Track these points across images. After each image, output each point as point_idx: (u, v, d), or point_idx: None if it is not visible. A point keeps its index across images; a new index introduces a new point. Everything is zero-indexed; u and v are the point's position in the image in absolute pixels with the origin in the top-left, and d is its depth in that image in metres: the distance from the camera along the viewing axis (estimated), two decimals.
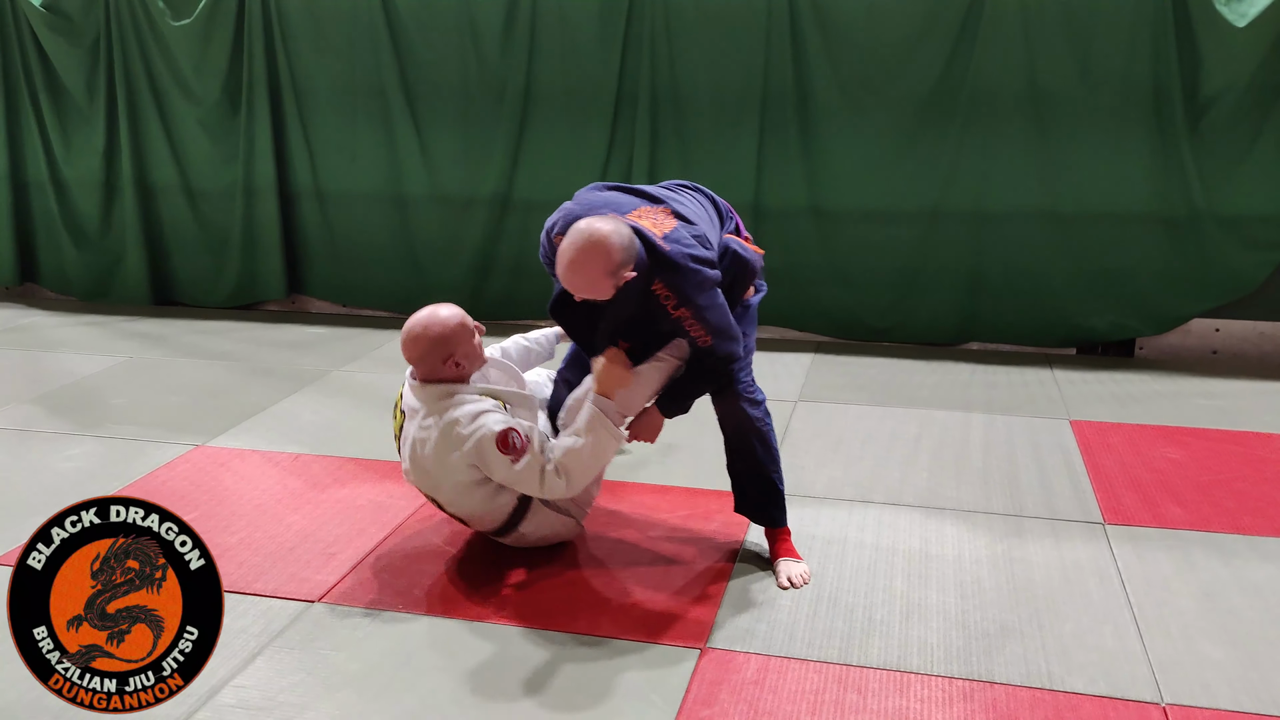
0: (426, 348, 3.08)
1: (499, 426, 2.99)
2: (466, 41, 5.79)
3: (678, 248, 2.83)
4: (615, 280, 2.77)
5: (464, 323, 3.10)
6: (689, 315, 2.86)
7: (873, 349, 5.63)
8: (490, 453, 2.98)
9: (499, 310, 6.08)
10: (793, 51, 5.42)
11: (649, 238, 2.82)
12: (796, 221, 5.59)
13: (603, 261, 2.73)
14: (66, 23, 6.26)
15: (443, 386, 3.09)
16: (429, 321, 3.09)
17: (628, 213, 2.91)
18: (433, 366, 3.09)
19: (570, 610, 3.03)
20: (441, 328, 3.08)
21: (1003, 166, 5.34)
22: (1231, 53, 4.98)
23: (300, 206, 6.29)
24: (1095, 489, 3.83)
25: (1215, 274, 5.28)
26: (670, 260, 2.82)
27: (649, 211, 2.94)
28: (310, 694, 2.65)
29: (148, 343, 5.82)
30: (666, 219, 2.91)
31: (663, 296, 2.86)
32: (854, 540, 3.45)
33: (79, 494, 3.73)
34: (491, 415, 3.03)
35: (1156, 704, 2.61)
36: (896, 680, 2.70)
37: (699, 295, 2.86)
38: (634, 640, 2.87)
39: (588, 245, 2.73)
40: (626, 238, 2.76)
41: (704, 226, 2.98)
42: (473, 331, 3.13)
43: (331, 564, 3.30)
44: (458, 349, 3.09)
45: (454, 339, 3.08)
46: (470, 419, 3.01)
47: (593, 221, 2.78)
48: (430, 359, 3.08)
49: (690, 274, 2.84)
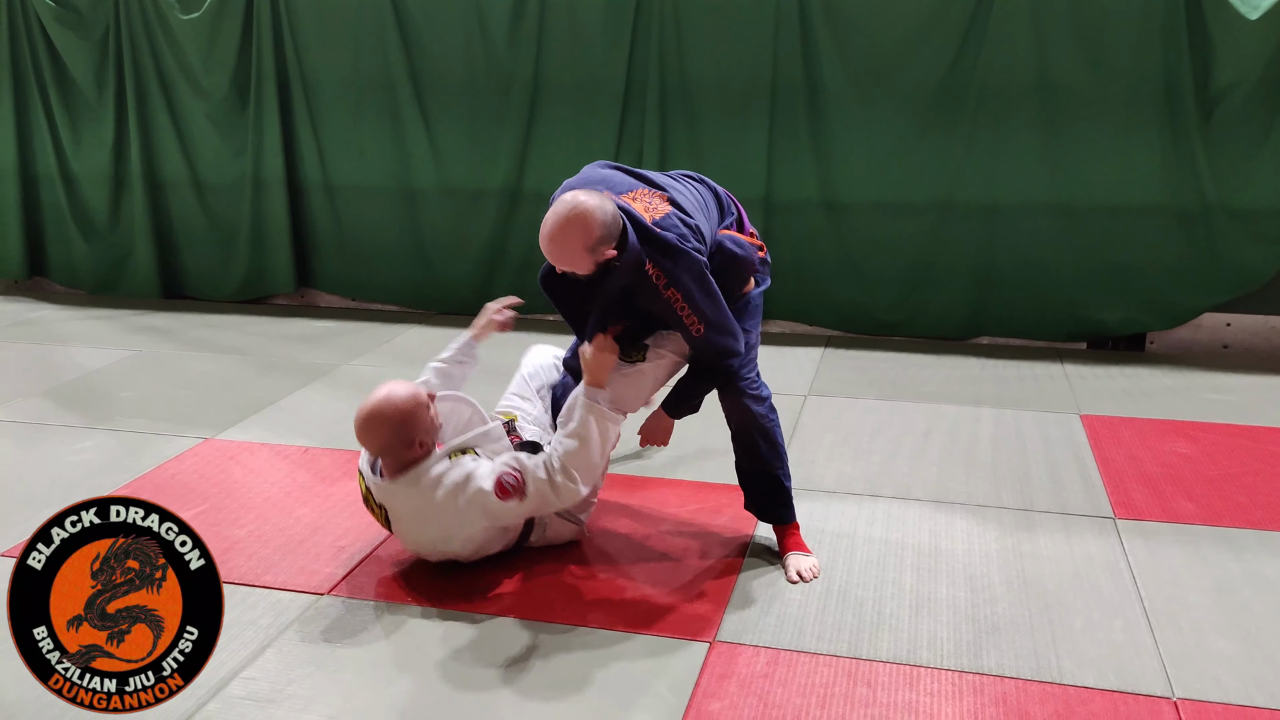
0: (388, 436, 2.94)
1: (489, 482, 2.93)
2: (474, 34, 5.78)
3: (667, 235, 2.83)
4: (595, 256, 2.76)
5: (418, 397, 2.96)
6: (679, 298, 2.84)
7: (883, 343, 5.62)
8: (496, 506, 2.95)
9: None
10: (802, 44, 5.40)
11: (639, 219, 2.82)
12: (806, 215, 5.58)
13: (581, 235, 2.73)
14: (76, 17, 6.26)
15: (413, 472, 2.96)
16: (383, 408, 2.93)
17: (623, 193, 2.90)
18: (398, 454, 2.97)
19: (579, 604, 3.02)
20: (397, 411, 2.92)
21: (1013, 160, 5.32)
22: (1243, 46, 4.95)
23: (309, 200, 6.29)
24: (1105, 483, 3.82)
25: (1226, 268, 5.26)
26: (661, 240, 2.81)
27: (645, 194, 2.93)
28: (319, 686, 2.66)
29: (157, 336, 5.83)
30: (661, 204, 2.90)
31: (654, 276, 2.84)
32: (863, 534, 3.44)
33: (89, 487, 3.76)
34: (475, 473, 2.95)
35: (1167, 698, 2.60)
36: (906, 674, 2.70)
37: (689, 277, 2.83)
38: (643, 634, 2.87)
39: (569, 217, 2.73)
40: (609, 214, 2.75)
41: (699, 218, 2.96)
42: (428, 403, 2.99)
43: (340, 557, 3.30)
44: (418, 427, 2.95)
45: (414, 419, 2.94)
46: (458, 490, 2.93)
47: (578, 194, 2.77)
48: (394, 447, 2.95)
49: (681, 254, 2.82)
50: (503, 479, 2.94)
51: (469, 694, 2.63)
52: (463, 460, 3.00)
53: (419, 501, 2.98)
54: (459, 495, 2.93)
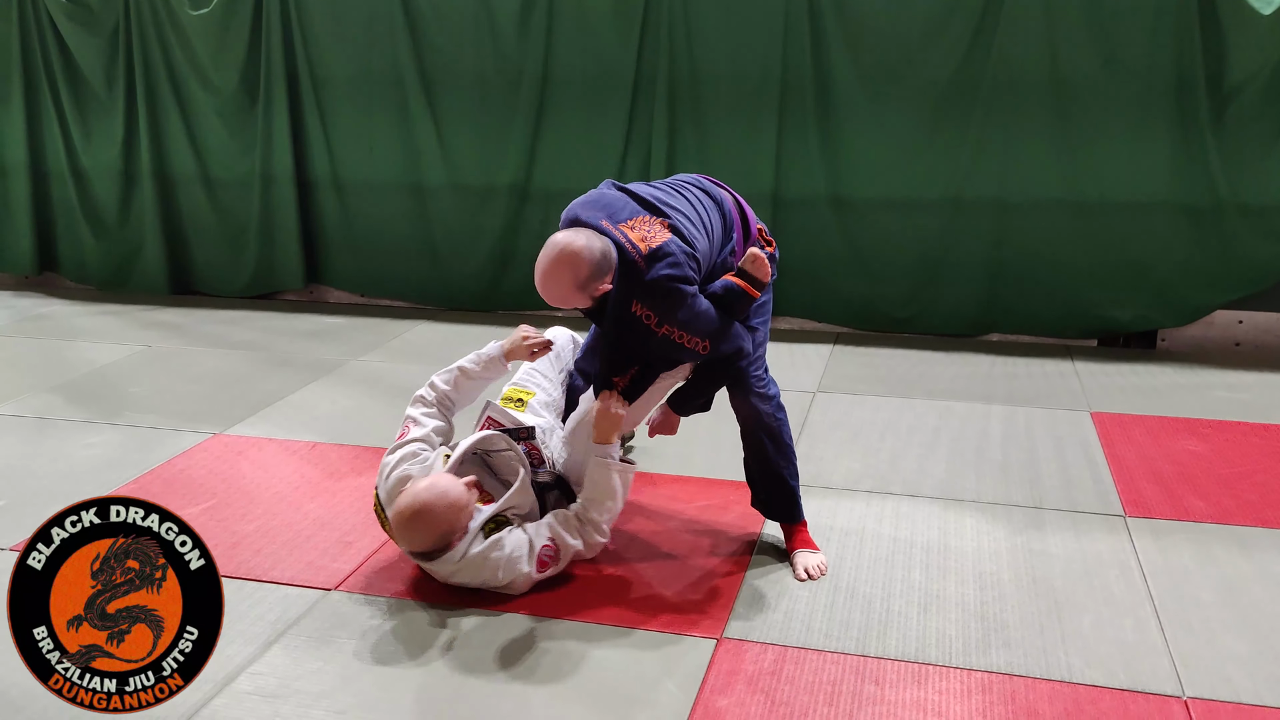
0: (440, 535, 2.86)
1: (530, 566, 2.97)
2: (483, 30, 5.77)
3: (659, 268, 2.82)
4: (588, 292, 2.83)
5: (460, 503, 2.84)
6: (675, 331, 2.86)
7: (892, 340, 5.60)
8: (534, 575, 3.00)
9: (518, 300, 6.08)
10: (812, 39, 5.39)
11: (629, 256, 2.83)
12: (816, 211, 5.56)
13: (570, 276, 2.80)
14: (86, 12, 6.27)
15: (451, 553, 2.91)
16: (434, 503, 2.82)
17: (621, 221, 2.91)
18: (438, 546, 2.89)
19: (587, 600, 3.02)
20: (443, 521, 2.83)
21: (1024, 156, 5.30)
22: (1257, 42, 4.92)
23: (318, 196, 6.29)
24: (1116, 481, 3.80)
25: (1238, 265, 5.23)
26: (646, 284, 2.83)
27: (644, 222, 2.93)
28: (326, 682, 2.66)
29: (166, 332, 5.84)
30: (660, 231, 2.89)
31: (643, 316, 2.86)
32: (872, 531, 3.43)
33: (98, 482, 3.77)
34: (514, 555, 2.94)
35: (1177, 697, 2.58)
36: (914, 672, 2.69)
37: (680, 311, 2.85)
38: (650, 630, 2.87)
39: (558, 258, 2.80)
40: (599, 253, 2.80)
41: (699, 240, 2.96)
42: (471, 505, 2.91)
43: (348, 552, 3.30)
44: (458, 529, 2.89)
45: (456, 526, 2.87)
46: (498, 567, 2.93)
47: (566, 235, 2.83)
48: (442, 540, 2.87)
49: (667, 295, 2.83)
50: (542, 556, 2.99)
51: (476, 690, 2.63)
52: (501, 539, 2.94)
53: (458, 571, 2.95)
54: (499, 570, 2.94)
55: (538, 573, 3.00)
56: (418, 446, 3.09)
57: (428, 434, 3.14)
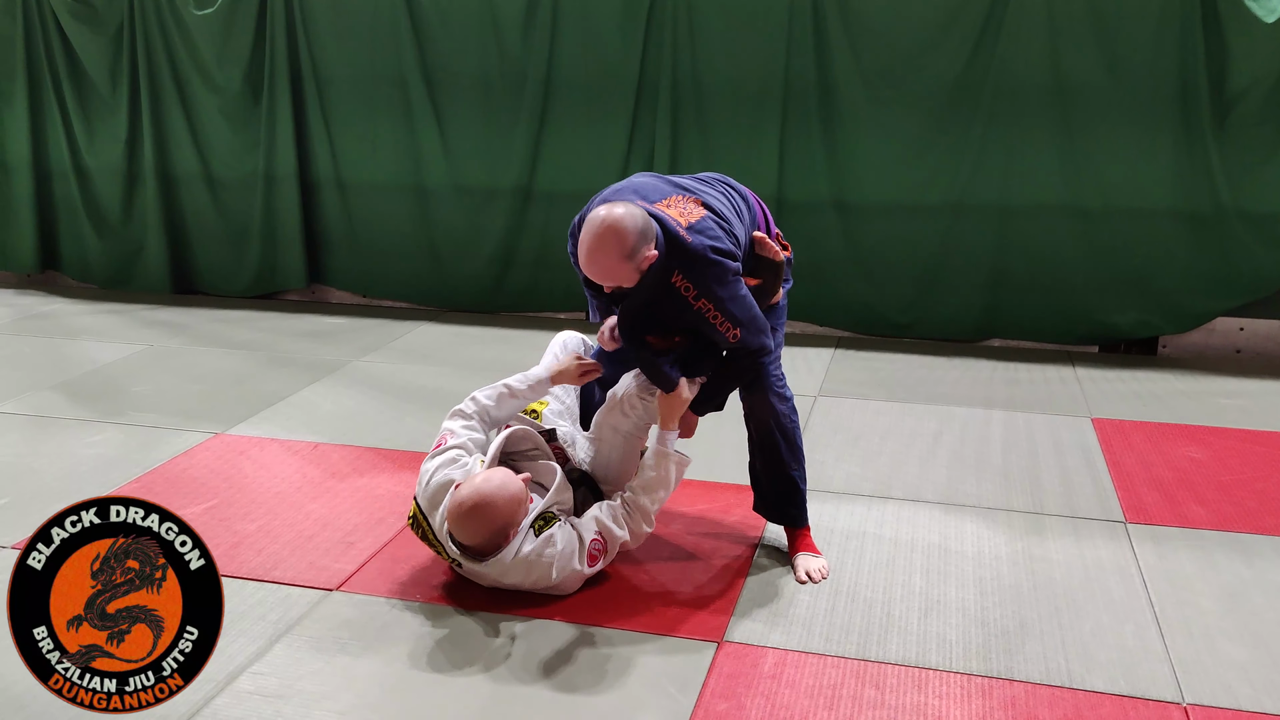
0: (498, 529, 2.87)
1: (582, 563, 2.98)
2: (487, 31, 5.78)
3: (700, 239, 2.82)
4: (635, 263, 2.75)
5: (518, 497, 2.86)
6: (711, 308, 2.85)
7: (894, 344, 5.60)
8: (587, 570, 3.01)
9: (521, 302, 6.09)
10: (815, 43, 5.39)
11: (671, 227, 2.81)
12: (818, 215, 5.57)
13: (616, 244, 2.72)
14: (90, 11, 6.28)
15: (503, 553, 2.90)
16: (495, 494, 2.83)
17: (656, 201, 2.90)
18: (494, 543, 2.90)
19: (588, 603, 3.02)
20: (511, 500, 2.85)
21: (1026, 161, 5.31)
22: (1259, 48, 4.93)
23: (321, 196, 6.30)
24: (1116, 487, 3.80)
25: (1240, 272, 5.24)
26: (690, 251, 2.81)
27: (679, 200, 2.93)
28: (328, 682, 2.66)
29: (168, 331, 5.84)
30: (695, 208, 2.90)
31: (682, 288, 2.84)
32: (873, 535, 3.43)
33: (100, 481, 3.77)
34: (566, 552, 2.95)
35: (1177, 703, 2.59)
36: (915, 676, 2.69)
37: (719, 287, 2.84)
38: (652, 633, 2.87)
39: (600, 231, 2.73)
40: (640, 218, 2.75)
41: (733, 220, 2.97)
42: (527, 500, 2.92)
43: (350, 553, 3.30)
44: (515, 525, 2.90)
45: (514, 522, 2.89)
46: (551, 565, 2.93)
47: (604, 207, 2.78)
48: (496, 537, 2.88)
49: (710, 265, 2.82)
50: (591, 550, 3.00)
51: (477, 691, 2.63)
52: (553, 536, 2.95)
53: (510, 571, 2.95)
54: (553, 568, 2.94)
55: (589, 567, 3.00)
56: (456, 453, 3.08)
57: (464, 443, 3.13)
